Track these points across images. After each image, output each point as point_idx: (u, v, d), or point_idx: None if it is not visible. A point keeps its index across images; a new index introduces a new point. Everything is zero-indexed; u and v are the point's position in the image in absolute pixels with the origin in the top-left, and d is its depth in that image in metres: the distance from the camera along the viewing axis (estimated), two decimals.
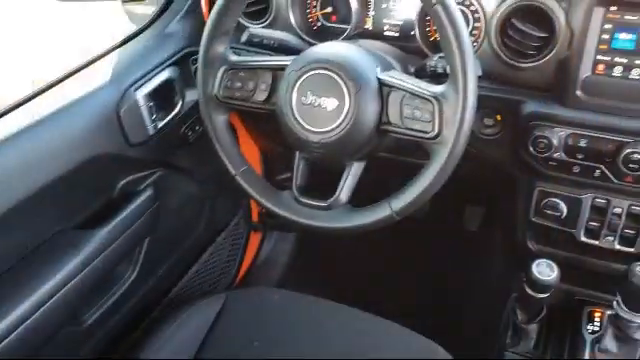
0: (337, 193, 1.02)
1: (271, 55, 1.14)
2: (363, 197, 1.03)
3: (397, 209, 0.97)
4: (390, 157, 1.16)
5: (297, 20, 1.28)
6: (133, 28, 1.29)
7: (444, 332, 1.24)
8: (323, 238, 1.75)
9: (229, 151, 1.11)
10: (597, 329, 1.25)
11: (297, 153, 1.05)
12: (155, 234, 1.31)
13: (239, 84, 1.07)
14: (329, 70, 0.96)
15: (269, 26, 1.29)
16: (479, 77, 0.93)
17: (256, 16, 1.31)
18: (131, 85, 1.16)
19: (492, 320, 1.42)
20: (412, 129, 0.95)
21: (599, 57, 1.05)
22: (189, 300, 1.28)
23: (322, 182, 1.04)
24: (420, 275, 1.84)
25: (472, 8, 1.13)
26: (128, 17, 1.41)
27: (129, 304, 1.30)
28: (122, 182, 1.22)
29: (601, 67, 1.06)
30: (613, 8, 1.01)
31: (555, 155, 1.12)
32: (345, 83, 0.95)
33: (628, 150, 1.05)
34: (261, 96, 1.06)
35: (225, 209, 1.69)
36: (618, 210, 1.16)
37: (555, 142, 1.10)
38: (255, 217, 1.86)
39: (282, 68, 1.03)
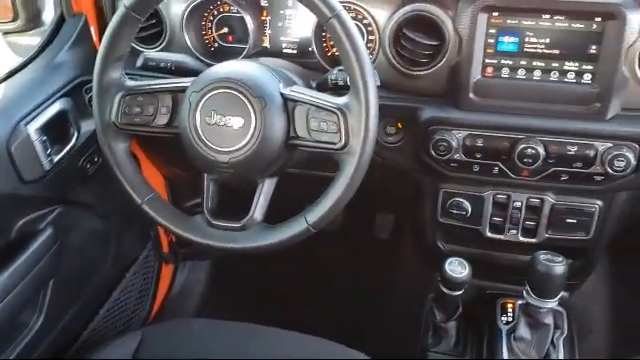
0: (251, 212, 1.01)
1: (169, 78, 1.12)
2: (278, 214, 1.03)
3: (313, 222, 0.97)
4: (302, 172, 1.17)
5: (193, 42, 1.26)
6: (19, 60, 1.22)
7: (368, 341, 1.25)
8: (238, 262, 1.73)
9: (132, 180, 1.07)
10: (511, 319, 1.31)
11: (205, 175, 1.03)
12: (59, 276, 1.23)
13: (138, 109, 1.03)
14: (232, 89, 0.95)
15: (164, 49, 1.27)
16: (378, 87, 0.96)
17: (150, 40, 1.28)
18: (21, 119, 1.09)
19: (413, 323, 1.45)
20: (320, 141, 0.96)
21: (487, 60, 1.11)
22: (103, 341, 1.21)
23: (234, 203, 1.02)
24: (339, 288, 1.85)
25: (365, 22, 1.17)
26: (11, 50, 1.33)
27: (38, 352, 1.21)
28: (19, 223, 1.14)
29: (490, 70, 1.12)
30: (495, 14, 1.08)
31: (455, 156, 1.16)
32: (249, 100, 0.95)
33: (522, 146, 1.11)
34: (162, 120, 1.03)
35: (133, 243, 1.62)
36: (518, 204, 1.23)
37: (454, 144, 1.14)
38: (165, 248, 1.80)
39: (182, 90, 1.01)
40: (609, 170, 1.09)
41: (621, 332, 1.60)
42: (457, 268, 1.20)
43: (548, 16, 1.06)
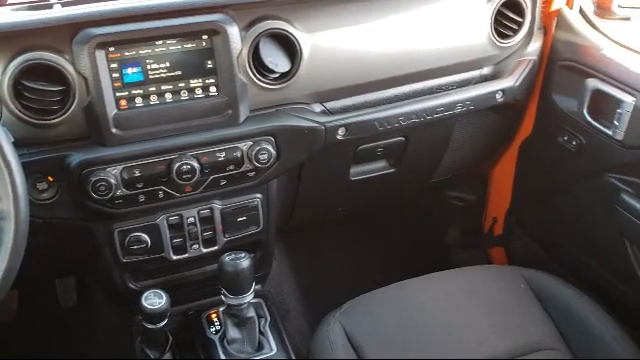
0: None
1: None
2: None
3: None
4: None
5: None
6: None
7: None
8: None
9: None
10: (219, 327, 1.37)
11: None
12: None
13: None
14: None
15: None
16: (14, 144, 0.90)
17: None
18: None
19: None
20: None
21: (118, 94, 1.12)
22: None
23: None
24: None
25: None
26: None
27: None
28: None
29: (123, 102, 1.13)
30: (112, 49, 1.09)
31: (118, 193, 1.15)
32: None
33: (177, 165, 1.16)
34: None
35: None
36: (191, 219, 1.29)
37: (113, 181, 1.13)
38: None
39: None
40: (257, 164, 1.22)
41: (310, 302, 1.81)
42: (155, 300, 1.20)
43: (161, 42, 1.12)
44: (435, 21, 1.33)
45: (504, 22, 1.38)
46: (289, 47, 1.19)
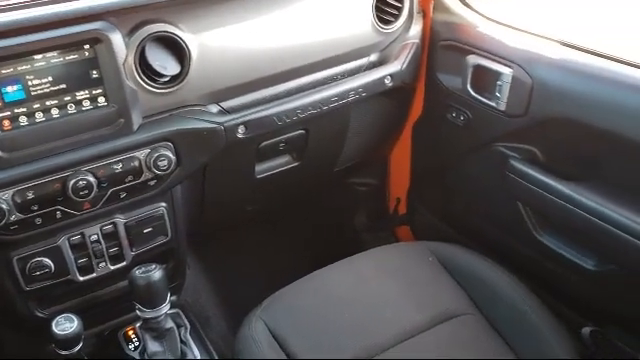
0: None
1: None
2: None
3: None
4: None
5: None
6: None
7: None
8: None
9: None
10: (138, 343, 1.33)
11: None
12: None
13: None
14: None
15: None
16: None
17: None
18: None
19: None
20: None
21: (0, 115, 1.06)
22: None
23: None
24: None
25: None
26: None
27: None
28: None
29: (7, 123, 1.06)
30: None
31: (12, 218, 1.09)
32: None
33: (72, 182, 1.11)
34: None
35: None
36: (94, 237, 1.24)
37: (5, 206, 1.07)
38: None
39: None
40: (157, 172, 1.19)
41: (230, 306, 1.79)
42: (66, 325, 1.15)
43: (40, 56, 1.06)
44: (319, 13, 1.35)
45: (385, 9, 1.43)
46: (177, 49, 1.17)
